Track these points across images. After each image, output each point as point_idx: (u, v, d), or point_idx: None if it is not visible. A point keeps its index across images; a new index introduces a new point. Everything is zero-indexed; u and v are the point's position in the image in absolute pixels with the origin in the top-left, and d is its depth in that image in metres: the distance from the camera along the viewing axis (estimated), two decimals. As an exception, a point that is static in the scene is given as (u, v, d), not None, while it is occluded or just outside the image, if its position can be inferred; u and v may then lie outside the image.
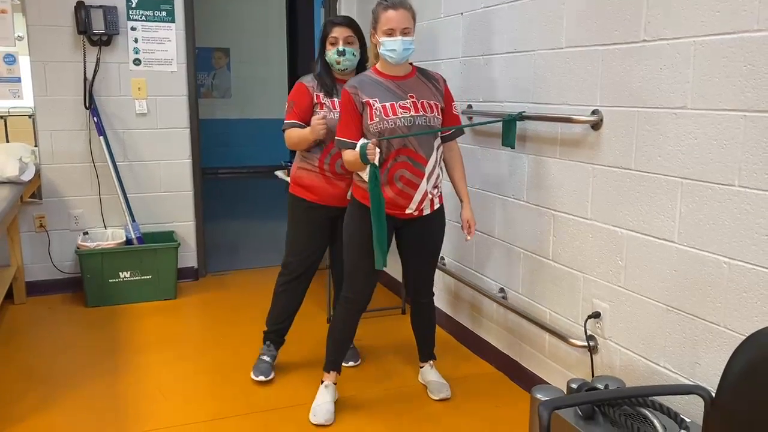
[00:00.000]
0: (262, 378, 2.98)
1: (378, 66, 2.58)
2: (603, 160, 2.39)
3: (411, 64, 2.61)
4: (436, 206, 2.67)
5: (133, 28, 4.14)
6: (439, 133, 2.62)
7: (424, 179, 2.55)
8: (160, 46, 4.21)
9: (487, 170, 3.12)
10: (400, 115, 2.49)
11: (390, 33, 2.45)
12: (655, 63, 2.13)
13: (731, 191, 1.91)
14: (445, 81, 2.67)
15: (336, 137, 2.58)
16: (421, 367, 2.98)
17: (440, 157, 2.65)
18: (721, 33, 1.90)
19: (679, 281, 2.11)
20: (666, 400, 2.12)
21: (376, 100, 2.50)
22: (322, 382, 2.76)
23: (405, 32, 2.46)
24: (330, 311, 3.80)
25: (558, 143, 2.62)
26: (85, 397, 2.85)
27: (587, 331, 2.52)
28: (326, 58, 2.84)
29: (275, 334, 3.09)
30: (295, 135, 2.83)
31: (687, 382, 2.10)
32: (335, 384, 2.76)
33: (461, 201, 2.74)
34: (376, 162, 2.39)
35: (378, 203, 2.41)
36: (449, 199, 3.47)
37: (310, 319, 3.76)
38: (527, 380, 2.92)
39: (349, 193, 2.85)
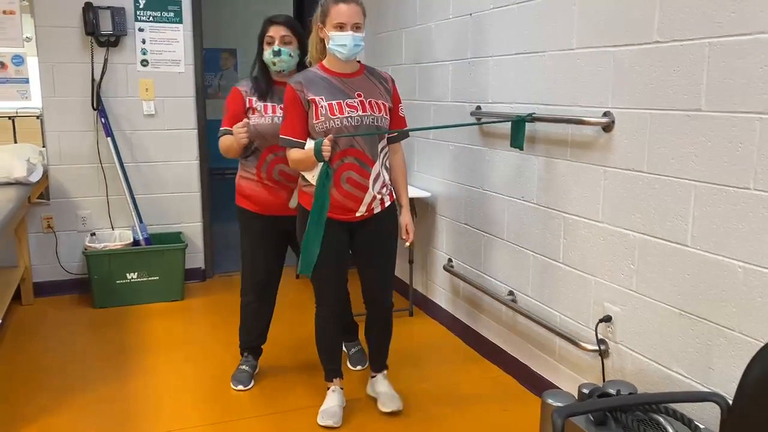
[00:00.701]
0: (241, 387, 2.92)
1: (324, 62, 2.49)
2: (614, 163, 2.36)
3: (359, 62, 2.54)
4: (387, 204, 2.59)
5: (140, 29, 4.13)
6: (385, 135, 2.55)
7: (371, 180, 2.48)
8: (167, 47, 4.20)
9: (496, 172, 3.09)
10: (346, 114, 2.41)
11: (341, 27, 2.36)
12: (668, 64, 2.10)
13: (746, 194, 1.89)
14: (393, 81, 2.60)
15: (280, 135, 2.47)
16: (372, 377, 2.85)
17: (385, 159, 2.57)
18: (737, 34, 1.87)
19: (693, 285, 2.08)
20: (679, 406, 2.09)
21: (321, 98, 2.41)
22: (329, 388, 2.73)
23: (356, 27, 2.38)
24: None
25: (568, 145, 2.59)
26: (94, 398, 2.84)
27: (598, 335, 2.49)
28: (263, 59, 2.74)
29: (250, 348, 3.04)
30: (225, 143, 2.74)
31: (700, 387, 2.08)
32: (342, 388, 2.74)
33: (400, 205, 2.67)
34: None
35: (322, 202, 2.32)
36: (451, 198, 3.45)
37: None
38: (536, 384, 2.89)
39: (292, 201, 2.78)
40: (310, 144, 2.41)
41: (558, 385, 2.78)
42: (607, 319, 2.45)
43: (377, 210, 2.56)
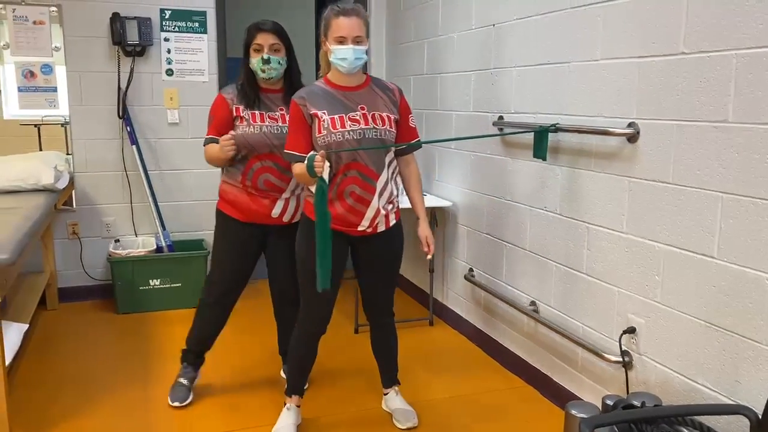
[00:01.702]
0: (177, 404, 2.83)
1: (329, 76, 2.46)
2: (639, 174, 2.36)
3: (365, 73, 2.51)
4: (392, 222, 2.54)
5: (166, 39, 4.20)
6: (392, 147, 2.49)
7: (376, 195, 2.43)
8: (192, 56, 4.26)
9: (519, 182, 3.10)
10: (348, 128, 2.37)
11: (341, 41, 2.33)
12: (694, 76, 2.10)
13: (774, 206, 1.87)
14: (401, 92, 2.56)
15: (285, 150, 2.46)
16: (386, 394, 2.82)
17: (394, 173, 2.53)
18: (764, 46, 1.87)
19: (719, 297, 2.07)
20: (706, 419, 2.07)
21: (324, 112, 2.38)
22: (285, 404, 2.67)
23: (357, 41, 2.33)
24: (357, 321, 3.80)
25: (593, 155, 2.59)
26: (116, 404, 2.87)
27: (622, 346, 2.48)
28: (250, 67, 2.68)
29: (195, 354, 2.95)
30: (209, 152, 2.70)
31: (727, 400, 2.06)
32: (299, 407, 2.68)
33: (417, 218, 2.62)
34: (325, 176, 2.26)
35: (323, 219, 2.26)
36: (473, 207, 3.45)
37: (337, 331, 3.76)
38: (558, 395, 2.88)
39: (275, 211, 2.74)
40: None
41: (581, 396, 2.76)
42: (631, 330, 2.44)
43: (381, 228, 2.51)
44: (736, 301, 2.01)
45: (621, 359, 2.46)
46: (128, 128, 4.16)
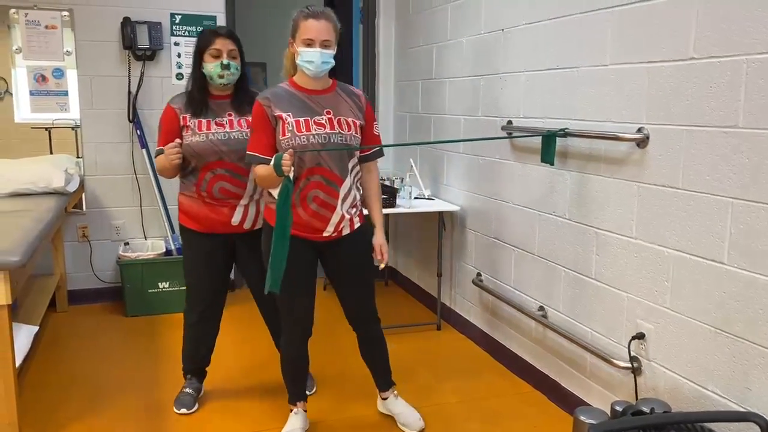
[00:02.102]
0: (184, 410, 2.82)
1: (295, 78, 2.43)
2: (649, 179, 2.35)
3: (332, 78, 2.48)
4: (357, 225, 2.53)
5: (176, 44, 4.22)
6: (356, 153, 2.46)
7: (339, 200, 2.41)
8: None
9: (527, 186, 3.09)
10: (313, 132, 2.34)
11: (309, 43, 2.30)
12: (704, 81, 2.10)
13: (785, 212, 1.86)
14: (367, 98, 2.54)
15: (247, 152, 2.40)
16: (384, 398, 2.79)
17: (356, 179, 2.50)
18: (776, 51, 1.87)
19: (729, 303, 2.06)
20: (716, 426, 2.06)
21: (289, 115, 2.35)
22: (291, 410, 2.66)
23: (325, 44, 2.31)
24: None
25: (601, 160, 2.58)
26: (125, 406, 2.88)
27: (631, 352, 2.47)
28: (204, 72, 2.62)
29: (194, 371, 2.95)
30: (159, 163, 2.66)
31: (737, 407, 2.05)
32: (305, 411, 2.68)
33: (373, 226, 2.58)
34: (291, 176, 2.22)
35: (284, 219, 2.20)
36: (481, 212, 3.45)
37: (346, 334, 3.75)
38: (566, 401, 2.87)
39: (235, 218, 2.70)
40: None
41: (589, 402, 2.75)
42: (640, 336, 2.43)
43: (346, 231, 2.49)
44: (747, 307, 2.00)
45: (630, 365, 2.45)
46: (138, 132, 4.18)
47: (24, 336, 2.89)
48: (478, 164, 3.55)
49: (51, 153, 4.10)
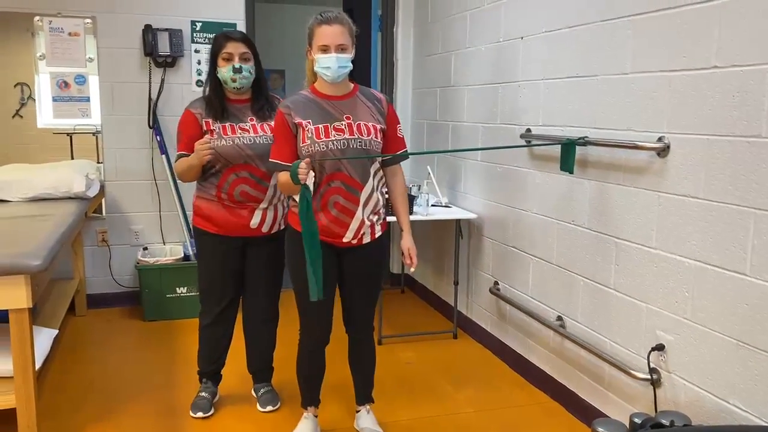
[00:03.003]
0: (200, 414, 2.82)
1: (315, 85, 2.43)
2: (669, 188, 2.32)
3: (353, 83, 2.47)
4: (378, 234, 2.51)
5: (196, 51, 4.26)
6: (378, 157, 2.45)
7: (360, 205, 2.40)
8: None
9: (546, 195, 3.07)
10: (332, 138, 2.34)
11: (325, 49, 2.30)
12: (727, 90, 2.07)
13: (810, 224, 1.83)
14: (389, 101, 2.53)
15: (269, 159, 2.42)
16: (357, 411, 2.77)
17: (380, 183, 2.48)
18: (800, 60, 1.84)
19: (752, 316, 2.02)
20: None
21: (309, 122, 2.35)
22: (304, 414, 2.67)
23: (341, 48, 2.30)
24: (381, 332, 3.79)
25: (621, 170, 2.56)
26: (142, 411, 2.90)
27: (650, 363, 2.44)
28: (219, 76, 2.65)
29: (209, 374, 2.95)
30: (181, 166, 2.66)
31: (759, 422, 2.01)
32: (316, 416, 2.68)
33: (401, 229, 2.57)
34: (309, 184, 2.22)
35: (310, 226, 2.21)
36: (499, 220, 3.43)
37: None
38: (585, 412, 2.84)
39: (254, 221, 2.71)
40: None
41: (607, 413, 2.72)
42: (659, 347, 2.40)
43: (367, 240, 2.48)
44: (770, 319, 1.96)
45: (649, 376, 2.42)
46: (158, 138, 4.22)
47: (44, 339, 2.92)
48: (496, 172, 3.53)
49: (72, 158, 4.15)
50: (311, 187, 2.28)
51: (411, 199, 3.66)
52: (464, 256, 3.93)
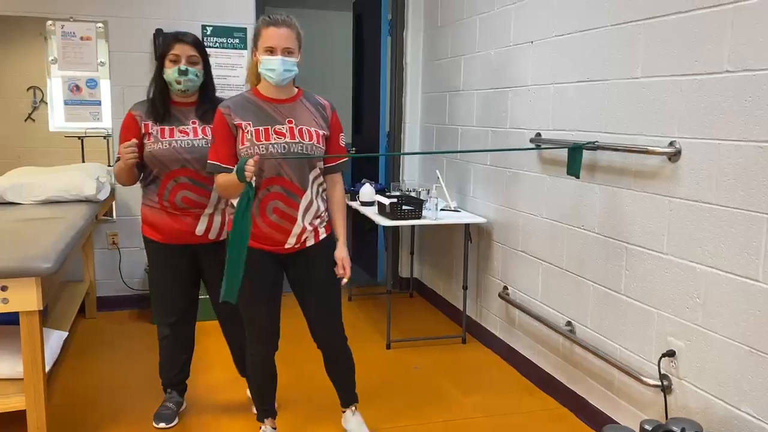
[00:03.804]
0: (163, 425, 2.76)
1: (258, 87, 2.38)
2: (680, 193, 2.31)
3: (297, 87, 2.43)
4: (322, 236, 2.46)
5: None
6: (318, 164, 2.40)
7: (300, 212, 2.36)
8: (231, 72, 4.34)
9: (556, 200, 3.06)
10: (273, 141, 2.29)
11: (270, 51, 2.25)
12: (739, 95, 2.06)
13: (823, 229, 1.82)
14: (333, 108, 2.46)
15: (208, 160, 2.35)
16: (343, 412, 2.73)
17: (320, 190, 2.44)
18: (814, 64, 1.82)
19: (764, 322, 2.00)
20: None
21: (249, 123, 2.30)
22: (260, 427, 2.62)
23: (287, 52, 2.26)
24: (389, 337, 3.78)
25: (632, 174, 2.55)
26: (151, 413, 2.90)
27: (661, 369, 2.42)
28: (164, 77, 2.58)
29: (173, 384, 2.90)
30: (117, 167, 2.58)
31: (772, 429, 1.99)
32: (275, 429, 2.63)
33: (336, 239, 2.50)
34: (253, 182, 2.17)
35: (241, 226, 2.14)
36: (508, 224, 3.42)
37: (368, 347, 3.74)
38: (594, 418, 2.82)
39: (199, 228, 2.65)
40: None
41: (617, 420, 2.70)
42: (670, 353, 2.38)
43: (310, 242, 2.43)
44: (782, 326, 1.95)
45: (660, 383, 2.40)
46: (168, 141, 4.23)
47: (54, 341, 2.93)
48: (505, 176, 3.52)
49: (83, 161, 4.18)
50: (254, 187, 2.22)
51: (419, 204, 3.66)
52: (473, 260, 3.92)
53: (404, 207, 3.66)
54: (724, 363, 2.16)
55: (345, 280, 2.50)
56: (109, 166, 4.22)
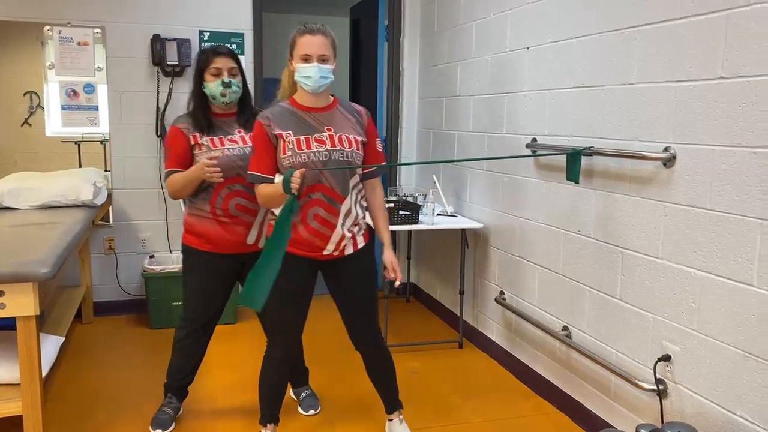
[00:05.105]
0: (159, 431, 2.75)
1: (295, 96, 2.41)
2: (675, 199, 2.32)
3: (332, 95, 2.47)
4: (361, 245, 2.49)
5: (204, 60, 4.28)
6: (358, 170, 2.44)
7: (340, 218, 2.38)
8: (229, 77, 4.34)
9: (552, 204, 3.08)
10: (314, 149, 2.32)
11: (306, 59, 2.29)
12: (733, 101, 2.07)
13: (817, 235, 1.83)
14: (369, 114, 2.51)
15: (249, 171, 2.39)
16: (390, 420, 2.72)
17: (359, 197, 2.47)
18: (806, 71, 1.84)
19: (759, 327, 2.02)
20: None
21: (289, 133, 2.33)
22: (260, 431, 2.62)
23: (322, 59, 2.30)
24: (387, 341, 3.78)
25: (627, 180, 2.56)
26: (148, 418, 2.89)
27: (656, 374, 2.43)
28: (205, 91, 2.63)
29: (177, 388, 2.90)
30: (177, 179, 2.60)
31: (767, 433, 2.00)
32: None
33: (382, 243, 2.54)
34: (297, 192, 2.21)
35: (281, 234, 2.16)
36: (505, 229, 3.43)
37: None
38: (591, 423, 2.82)
39: (251, 237, 2.68)
40: (279, 179, 2.31)
41: (613, 424, 2.71)
42: (666, 358, 2.39)
43: (349, 251, 2.46)
44: (777, 331, 1.96)
45: (655, 387, 2.41)
46: (165, 146, 4.24)
47: (50, 346, 2.93)
48: (501, 182, 3.54)
49: (80, 166, 4.18)
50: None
51: (416, 209, 3.66)
52: (470, 265, 3.93)
53: (401, 212, 3.67)
54: (719, 367, 2.17)
55: (398, 283, 2.51)
56: (106, 171, 4.23)
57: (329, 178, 2.36)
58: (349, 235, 2.43)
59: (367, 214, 2.55)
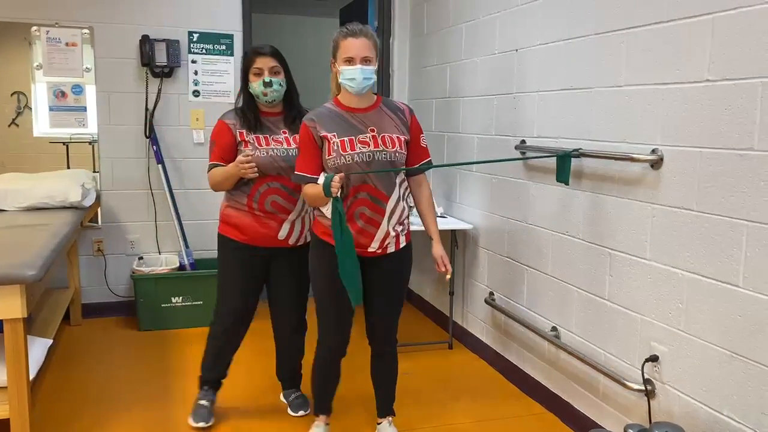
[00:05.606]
0: (202, 424, 2.79)
1: (339, 97, 2.47)
2: (663, 200, 2.34)
3: (376, 95, 2.52)
4: (402, 244, 2.54)
5: (193, 61, 4.28)
6: (402, 170, 2.49)
7: (386, 217, 2.44)
8: (218, 78, 4.34)
9: (540, 206, 3.09)
10: (358, 150, 2.37)
11: (349, 61, 2.35)
12: (719, 103, 2.09)
13: (802, 236, 1.85)
14: (411, 111, 2.55)
15: (295, 172, 2.46)
16: (379, 423, 2.75)
17: (405, 193, 2.53)
18: (791, 74, 1.86)
19: (745, 327, 2.04)
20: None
21: (334, 135, 2.39)
22: (314, 422, 2.69)
23: (365, 61, 2.35)
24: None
25: (615, 181, 2.58)
26: (137, 421, 2.89)
27: (644, 374, 2.45)
28: (250, 91, 2.70)
29: (212, 381, 2.94)
30: (218, 173, 2.68)
31: (753, 433, 2.02)
32: (327, 425, 2.70)
33: (431, 238, 2.60)
34: (340, 195, 2.28)
35: (341, 237, 2.26)
36: (494, 230, 3.44)
37: (355, 355, 3.75)
38: (579, 423, 2.84)
39: (282, 232, 2.74)
40: (322, 179, 2.36)
41: (601, 424, 2.72)
42: (653, 358, 2.41)
43: (391, 249, 2.50)
44: (762, 331, 1.98)
45: (643, 388, 2.43)
46: (154, 148, 4.23)
47: (38, 349, 2.91)
48: (491, 183, 3.55)
49: (68, 167, 4.16)
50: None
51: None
52: (460, 266, 3.94)
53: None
54: (706, 367, 2.19)
55: (449, 276, 2.59)
56: (95, 172, 4.21)
57: (374, 179, 2.41)
58: (393, 233, 2.48)
59: (413, 210, 2.61)
